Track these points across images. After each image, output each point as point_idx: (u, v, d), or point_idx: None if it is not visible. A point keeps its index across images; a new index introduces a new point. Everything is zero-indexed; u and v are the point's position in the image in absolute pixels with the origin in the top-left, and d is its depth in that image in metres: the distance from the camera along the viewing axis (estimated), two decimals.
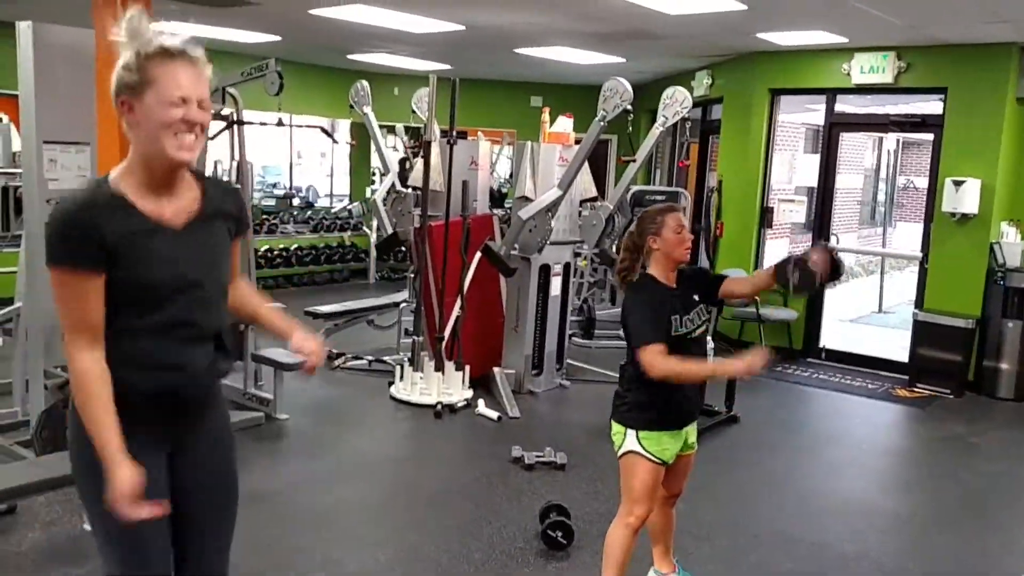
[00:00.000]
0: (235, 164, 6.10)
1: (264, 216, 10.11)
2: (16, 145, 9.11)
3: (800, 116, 10.95)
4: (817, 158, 7.81)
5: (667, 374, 2.70)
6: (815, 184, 7.73)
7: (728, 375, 2.73)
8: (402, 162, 6.70)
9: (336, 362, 6.54)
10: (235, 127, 5.63)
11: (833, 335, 7.84)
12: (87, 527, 3.42)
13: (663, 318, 2.79)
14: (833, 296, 8.39)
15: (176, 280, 1.72)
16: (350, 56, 9.29)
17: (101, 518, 1.81)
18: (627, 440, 2.86)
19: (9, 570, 3.21)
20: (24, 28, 4.02)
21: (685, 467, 3.06)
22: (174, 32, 1.66)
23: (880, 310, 10.47)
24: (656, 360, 2.69)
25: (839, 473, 4.95)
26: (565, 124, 6.02)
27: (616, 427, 2.92)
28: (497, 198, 9.08)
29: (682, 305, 2.86)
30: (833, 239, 7.63)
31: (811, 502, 4.42)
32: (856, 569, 3.65)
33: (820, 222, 7.63)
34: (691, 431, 2.99)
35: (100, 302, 1.64)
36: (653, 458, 2.83)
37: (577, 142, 5.88)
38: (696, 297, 2.91)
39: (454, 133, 5.73)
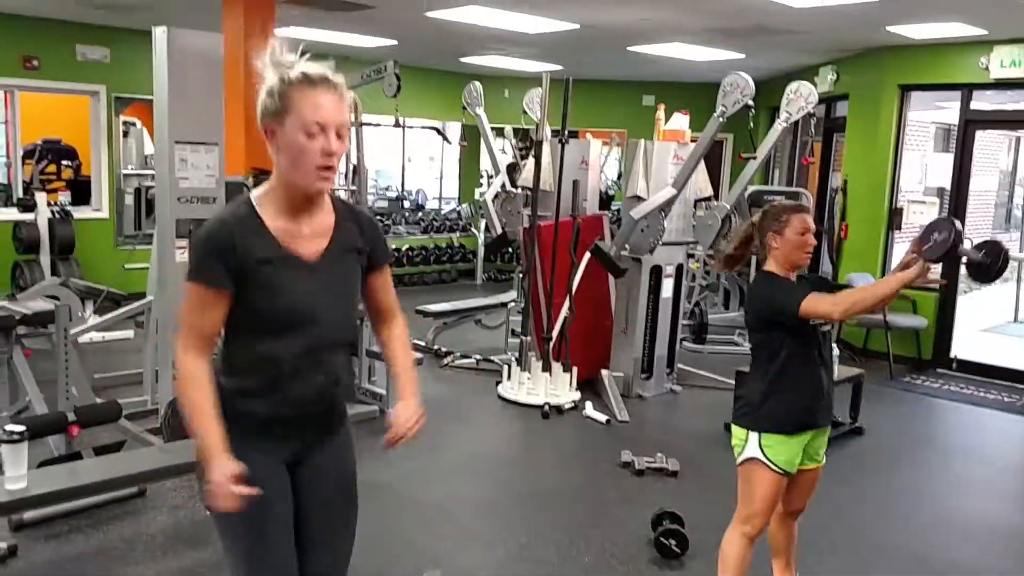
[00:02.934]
0: (352, 167, 6.25)
1: (378, 216, 10.36)
2: (148, 148, 9.63)
3: (929, 114, 10.36)
4: (948, 157, 7.37)
5: (852, 303, 2.56)
6: (947, 185, 7.30)
7: (907, 281, 2.53)
8: (511, 167, 6.70)
9: (445, 360, 6.60)
10: (354, 130, 5.76)
11: (965, 345, 7.36)
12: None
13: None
14: (965, 304, 7.90)
15: (299, 313, 1.74)
16: (462, 59, 9.39)
17: (224, 517, 1.83)
18: (748, 446, 2.73)
19: (139, 549, 3.36)
20: (159, 33, 4.21)
21: (810, 483, 2.89)
22: (315, 60, 1.69)
23: (1016, 319, 9.80)
24: (823, 302, 2.56)
25: (971, 490, 4.62)
26: (681, 121, 5.87)
27: (736, 431, 2.79)
28: (604, 200, 8.98)
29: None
30: (967, 243, 7.14)
31: (940, 520, 4.15)
32: None
33: None
34: (820, 441, 2.83)
35: (219, 317, 1.71)
36: (775, 468, 2.69)
37: (692, 141, 5.73)
38: None
39: (566, 132, 5.68)
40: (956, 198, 7.14)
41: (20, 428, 2.89)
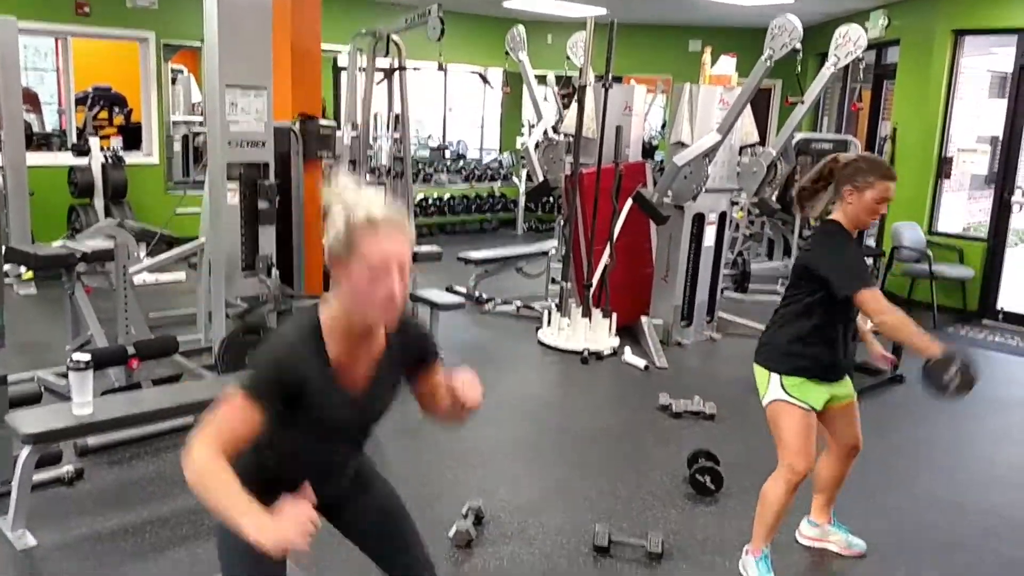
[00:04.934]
0: (394, 115, 6.30)
1: (420, 166, 10.43)
2: (196, 95, 9.78)
3: (983, 60, 10.04)
4: (1002, 104, 7.18)
5: (897, 323, 2.51)
6: (999, 133, 7.13)
7: (924, 355, 2.48)
8: (554, 128, 6.68)
9: (485, 307, 6.70)
10: (397, 74, 5.79)
11: (1013, 296, 7.24)
12: None
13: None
14: (1014, 255, 7.76)
15: (336, 432, 1.86)
16: (505, 3, 9.31)
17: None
18: (771, 387, 2.77)
19: None
20: None
21: (849, 414, 2.93)
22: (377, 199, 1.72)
23: None
24: (885, 304, 2.52)
25: (1012, 440, 4.62)
26: (727, 65, 5.79)
27: (759, 371, 2.83)
28: (648, 150, 8.92)
29: None
30: (1018, 192, 7.01)
31: (980, 468, 4.17)
32: None
33: (1004, 174, 7.03)
34: (843, 384, 2.86)
35: (255, 431, 1.70)
36: (801, 404, 2.73)
37: (739, 86, 5.66)
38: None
39: (610, 77, 5.64)
40: (1008, 146, 6.98)
41: (86, 357, 3.05)
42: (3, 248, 4.04)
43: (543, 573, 2.96)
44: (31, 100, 9.46)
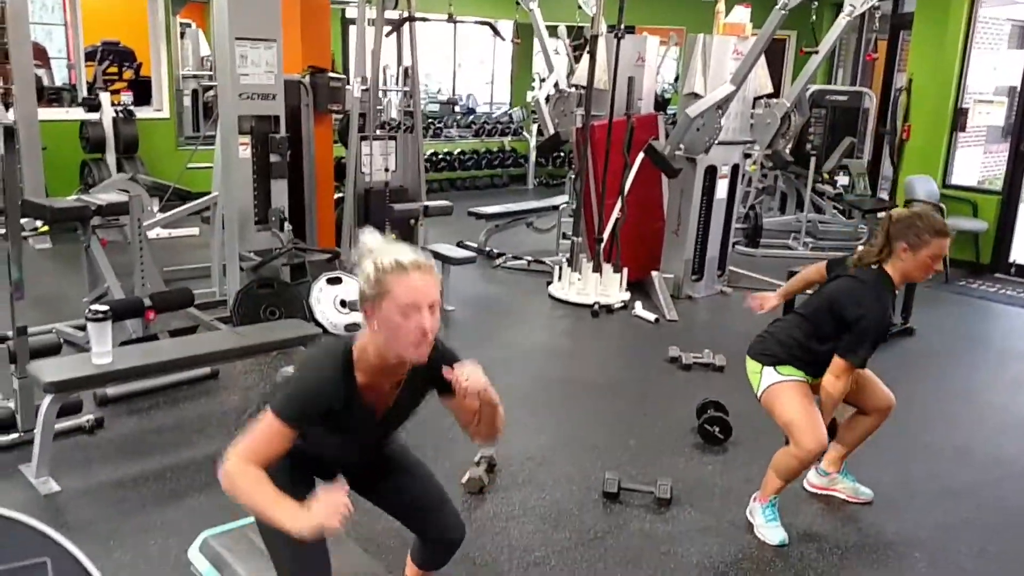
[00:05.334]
0: (404, 68, 6.25)
1: (429, 120, 10.38)
2: (204, 49, 9.72)
3: (1003, 10, 9.83)
4: (1022, 54, 7.06)
5: (835, 397, 2.74)
6: (1018, 84, 7.02)
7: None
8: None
9: (496, 261, 6.72)
10: (407, 25, 5.73)
11: None
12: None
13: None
14: None
15: (359, 439, 2.00)
16: None
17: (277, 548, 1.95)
18: (764, 376, 2.86)
19: (214, 424, 3.61)
20: None
21: (861, 379, 2.95)
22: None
23: None
24: (848, 379, 2.73)
25: (1021, 390, 4.64)
26: (742, 14, 5.70)
27: (752, 365, 2.91)
28: (660, 103, 8.82)
29: None
30: None
31: (990, 417, 4.20)
32: None
33: (1020, 126, 6.94)
34: None
35: (285, 451, 1.80)
36: (792, 377, 2.82)
37: (753, 36, 5.58)
38: None
39: (622, 27, 5.56)
40: None
41: (104, 308, 3.10)
42: (20, 201, 4.07)
43: (554, 518, 3.02)
44: (40, 55, 9.41)
